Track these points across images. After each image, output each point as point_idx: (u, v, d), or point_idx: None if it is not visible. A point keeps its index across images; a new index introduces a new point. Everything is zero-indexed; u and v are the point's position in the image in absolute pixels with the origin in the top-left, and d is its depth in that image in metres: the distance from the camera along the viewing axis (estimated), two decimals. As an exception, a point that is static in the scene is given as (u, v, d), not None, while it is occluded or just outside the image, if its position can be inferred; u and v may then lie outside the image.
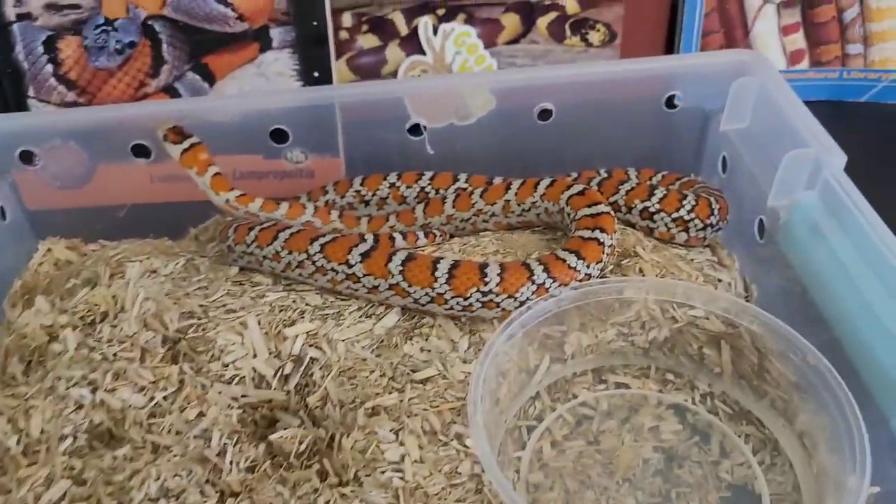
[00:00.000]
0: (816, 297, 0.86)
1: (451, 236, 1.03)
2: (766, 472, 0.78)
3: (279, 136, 1.08)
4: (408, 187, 1.08)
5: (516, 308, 0.82)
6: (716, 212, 0.98)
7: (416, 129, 1.09)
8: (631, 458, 0.79)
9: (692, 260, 0.97)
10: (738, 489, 0.77)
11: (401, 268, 0.85)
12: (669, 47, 1.32)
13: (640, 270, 0.91)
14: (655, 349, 0.87)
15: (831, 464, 0.72)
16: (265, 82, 1.22)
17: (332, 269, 0.87)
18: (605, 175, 1.10)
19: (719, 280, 0.95)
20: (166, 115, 1.01)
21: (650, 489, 0.77)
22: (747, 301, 0.96)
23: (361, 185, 1.09)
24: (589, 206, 0.92)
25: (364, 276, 0.86)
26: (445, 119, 1.14)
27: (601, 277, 0.89)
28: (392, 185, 1.08)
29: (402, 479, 0.70)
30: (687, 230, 0.98)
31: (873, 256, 0.78)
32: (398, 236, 1.00)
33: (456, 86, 1.10)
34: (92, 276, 0.93)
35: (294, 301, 0.88)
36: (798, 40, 1.30)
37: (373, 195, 1.09)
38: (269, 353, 0.83)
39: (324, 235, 0.90)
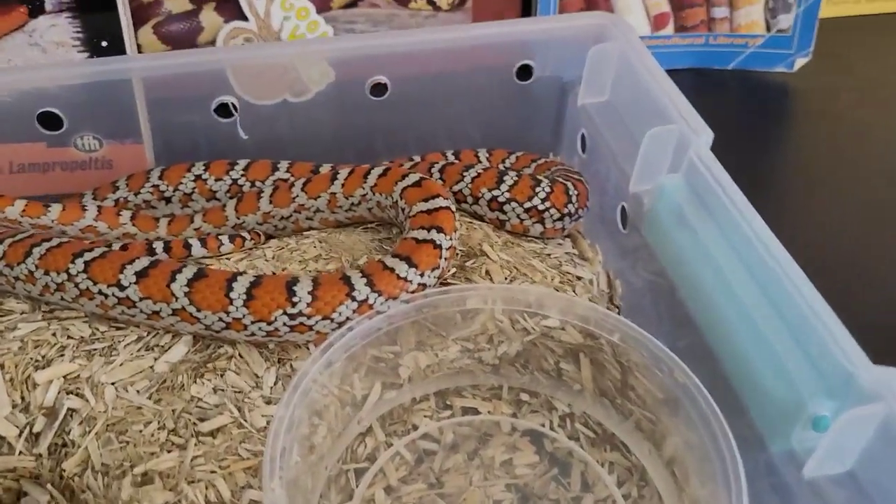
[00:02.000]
0: (685, 293, 0.77)
1: (270, 237, 0.86)
2: (632, 507, 0.67)
3: (52, 120, 0.88)
4: (217, 180, 0.90)
5: (335, 330, 0.66)
6: (574, 199, 0.85)
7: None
8: (479, 502, 0.67)
9: (549, 255, 0.85)
10: (602, 530, 0.66)
11: (186, 289, 0.67)
12: (527, 11, 1.19)
13: (488, 273, 0.78)
14: (507, 365, 0.75)
15: (704, 496, 0.62)
16: (41, 53, 1.01)
17: (101, 293, 0.69)
18: (452, 159, 0.96)
19: (579, 278, 0.83)
20: None
21: (501, 539, 0.65)
22: (612, 299, 0.86)
23: (160, 178, 0.90)
24: (425, 201, 0.78)
25: (141, 299, 0.68)
26: (277, 95, 0.98)
27: (440, 285, 0.75)
28: (198, 177, 0.90)
29: (174, 573, 0.54)
30: (542, 221, 0.85)
31: (744, 249, 0.69)
32: (196, 243, 0.82)
33: (272, 56, 0.94)
34: None
35: (54, 333, 0.70)
36: (662, 3, 1.20)
37: (175, 190, 0.90)
38: (14, 407, 0.64)
39: (91, 250, 0.71)
